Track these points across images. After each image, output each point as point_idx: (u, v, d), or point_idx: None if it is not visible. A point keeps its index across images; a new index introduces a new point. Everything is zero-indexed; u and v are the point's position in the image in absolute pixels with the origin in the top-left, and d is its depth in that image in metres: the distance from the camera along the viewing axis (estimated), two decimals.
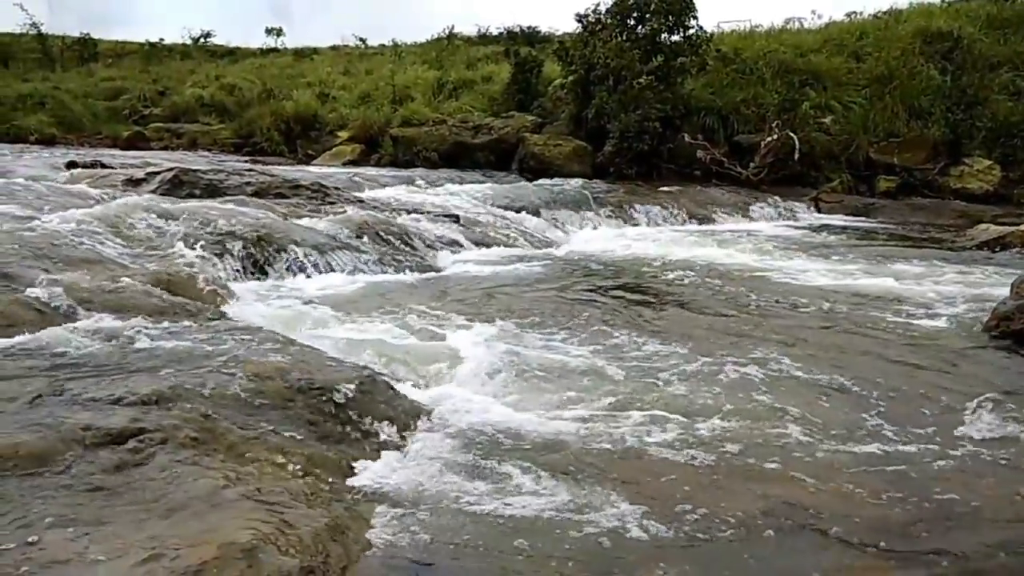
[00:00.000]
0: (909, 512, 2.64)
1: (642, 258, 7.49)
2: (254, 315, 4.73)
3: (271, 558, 1.78)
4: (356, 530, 2.22)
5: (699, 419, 3.33)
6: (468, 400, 3.47)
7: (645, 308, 5.43)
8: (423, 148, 14.65)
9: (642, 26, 13.24)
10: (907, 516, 2.62)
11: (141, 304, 4.07)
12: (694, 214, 10.46)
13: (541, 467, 2.82)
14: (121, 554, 1.76)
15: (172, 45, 31.71)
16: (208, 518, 1.95)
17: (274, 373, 3.17)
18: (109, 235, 5.62)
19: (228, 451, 2.42)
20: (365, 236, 7.05)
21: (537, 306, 5.29)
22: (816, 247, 8.18)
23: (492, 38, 25.81)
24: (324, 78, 21.70)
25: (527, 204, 9.90)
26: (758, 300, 5.65)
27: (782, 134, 12.20)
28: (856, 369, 4.03)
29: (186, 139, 18.79)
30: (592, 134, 13.34)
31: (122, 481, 2.15)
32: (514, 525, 2.45)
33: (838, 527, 2.52)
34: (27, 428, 2.38)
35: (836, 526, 2.52)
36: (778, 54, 14.25)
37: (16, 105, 21.70)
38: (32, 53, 30.56)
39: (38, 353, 3.22)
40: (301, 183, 9.07)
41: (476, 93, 17.83)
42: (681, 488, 2.72)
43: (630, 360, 4.09)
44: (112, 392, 2.72)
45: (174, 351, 3.34)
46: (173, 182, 8.17)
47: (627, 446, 3.04)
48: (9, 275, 4.29)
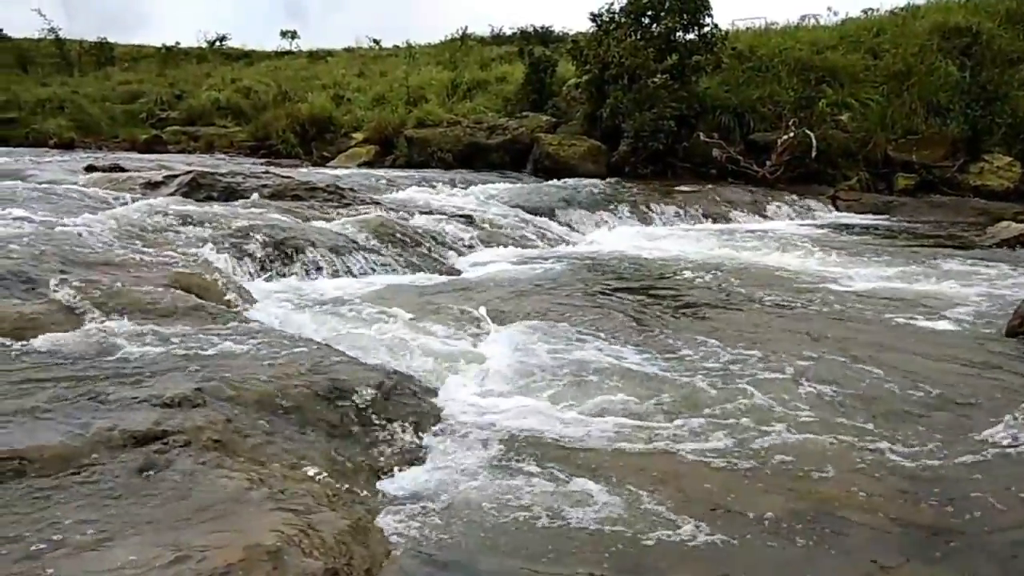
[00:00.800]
0: (940, 515, 2.62)
1: (659, 258, 7.46)
2: (273, 317, 4.75)
3: (296, 560, 1.78)
4: (378, 532, 2.23)
5: (726, 419, 3.31)
6: (488, 401, 3.47)
7: (664, 308, 5.40)
8: (438, 149, 14.67)
9: (657, 24, 13.19)
10: (938, 519, 2.60)
11: (162, 306, 4.10)
12: (710, 213, 10.41)
13: (564, 467, 2.81)
14: (147, 556, 1.78)
15: (188, 48, 31.95)
16: (233, 520, 1.96)
17: (295, 375, 3.18)
18: (129, 238, 5.66)
19: (251, 453, 2.43)
20: (381, 238, 7.07)
21: (555, 307, 5.28)
22: (834, 246, 8.11)
23: (506, 38, 25.82)
24: (339, 80, 21.79)
25: (542, 204, 9.88)
26: (777, 300, 5.62)
27: (799, 132, 12.12)
28: (878, 371, 3.99)
29: (203, 142, 18.92)
30: (607, 133, 13.31)
31: (147, 483, 2.16)
32: (538, 526, 2.45)
33: (869, 529, 2.50)
34: (52, 430, 2.40)
35: (867, 528, 2.50)
36: (794, 51, 14.16)
37: (35, 109, 21.96)
38: (51, 58, 30.91)
39: (61, 355, 3.26)
40: (317, 185, 9.11)
41: (490, 93, 17.84)
42: (710, 489, 2.70)
43: (651, 360, 4.08)
44: (135, 394, 2.74)
45: (196, 353, 3.36)
46: (191, 185, 8.23)
47: (652, 446, 3.03)
48: (32, 278, 4.33)
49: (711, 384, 3.75)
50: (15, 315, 3.71)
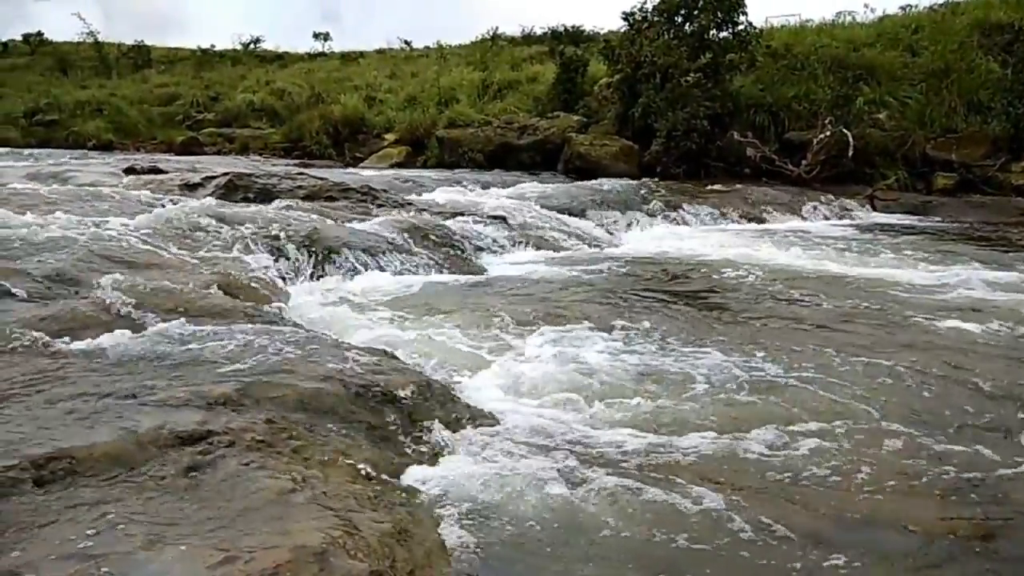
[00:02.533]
0: (982, 522, 2.57)
1: (693, 259, 7.40)
2: (310, 317, 4.81)
3: (341, 562, 1.80)
4: (419, 534, 2.23)
5: (765, 426, 3.27)
6: (524, 403, 3.47)
7: (701, 310, 5.36)
8: (469, 149, 14.73)
9: (690, 23, 13.10)
10: (980, 527, 2.54)
11: (202, 306, 4.16)
12: (745, 214, 10.30)
13: (602, 470, 2.80)
14: (196, 556, 1.80)
15: (223, 51, 32.46)
16: (278, 521, 1.98)
17: (333, 376, 3.20)
18: (168, 239, 5.75)
19: (293, 454, 2.46)
20: (414, 239, 7.10)
21: (589, 308, 5.26)
22: (872, 247, 7.98)
23: (536, 38, 25.85)
24: (371, 81, 21.99)
25: (574, 205, 9.86)
26: (815, 301, 5.54)
27: (835, 131, 11.95)
28: (924, 375, 3.92)
29: (238, 143, 19.21)
30: (639, 133, 13.25)
31: (193, 483, 2.19)
32: (577, 528, 2.44)
33: (911, 537, 2.45)
34: (101, 430, 2.45)
35: (909, 536, 2.46)
36: (830, 49, 13.97)
37: (75, 112, 22.49)
38: (89, 61, 31.63)
39: (106, 355, 3.32)
40: (350, 186, 9.19)
41: (521, 94, 17.87)
42: (749, 494, 2.67)
43: (687, 363, 4.04)
44: (180, 394, 2.79)
45: (237, 353, 3.41)
46: (228, 186, 8.35)
47: (689, 452, 3.01)
48: (76, 279, 4.43)
49: (749, 389, 3.71)
50: (62, 315, 3.79)
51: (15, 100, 24.70)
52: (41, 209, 6.20)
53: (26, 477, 2.15)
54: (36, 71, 32.02)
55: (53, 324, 3.67)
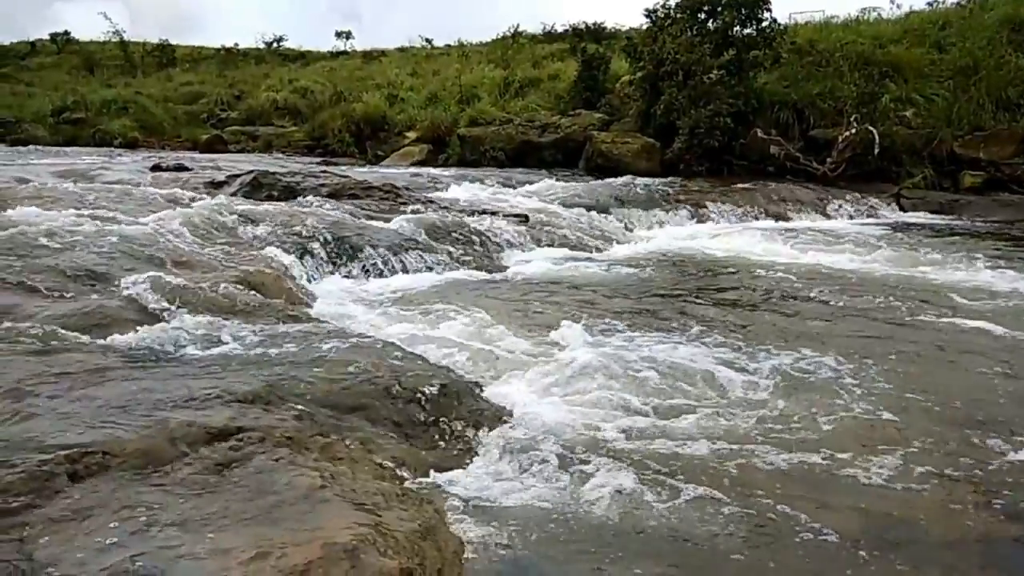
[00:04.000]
0: (1014, 526, 2.53)
1: (716, 257, 7.35)
2: (334, 314, 4.83)
3: (372, 559, 1.80)
4: (446, 532, 2.24)
5: (788, 425, 3.25)
6: (548, 401, 3.46)
7: (723, 309, 5.32)
8: (490, 147, 14.72)
9: (713, 20, 13.01)
10: (1012, 529, 2.51)
11: (230, 304, 4.20)
12: (769, 211, 10.21)
13: (627, 468, 2.79)
14: (228, 551, 1.82)
15: (247, 50, 32.72)
16: (308, 517, 1.99)
17: (360, 373, 3.22)
18: (195, 236, 5.81)
19: (321, 451, 2.47)
20: (437, 237, 7.12)
21: (612, 306, 5.25)
22: (899, 246, 7.88)
23: (557, 35, 25.77)
24: (392, 79, 22.04)
25: (596, 202, 9.82)
26: (843, 302, 5.48)
27: (861, 128, 11.80)
28: (948, 378, 3.88)
29: (261, 142, 19.35)
30: (661, 131, 13.17)
31: (224, 478, 2.21)
32: (602, 526, 2.43)
33: (941, 540, 2.42)
34: (132, 426, 2.48)
35: (939, 539, 2.43)
36: (856, 45, 13.81)
37: (101, 110, 22.74)
38: (115, 60, 32.00)
39: (136, 351, 3.36)
40: (373, 184, 9.22)
41: (542, 91, 17.84)
42: (775, 495, 2.65)
43: (713, 362, 4.01)
44: (209, 391, 2.81)
45: (264, 350, 3.44)
46: (252, 184, 8.41)
47: (717, 451, 2.99)
48: (105, 276, 4.48)
49: (776, 389, 3.68)
50: (91, 311, 3.85)
51: (43, 99, 25.05)
52: (69, 207, 6.28)
53: (60, 471, 2.18)
54: (63, 70, 32.46)
55: (82, 320, 3.73)
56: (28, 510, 2.00)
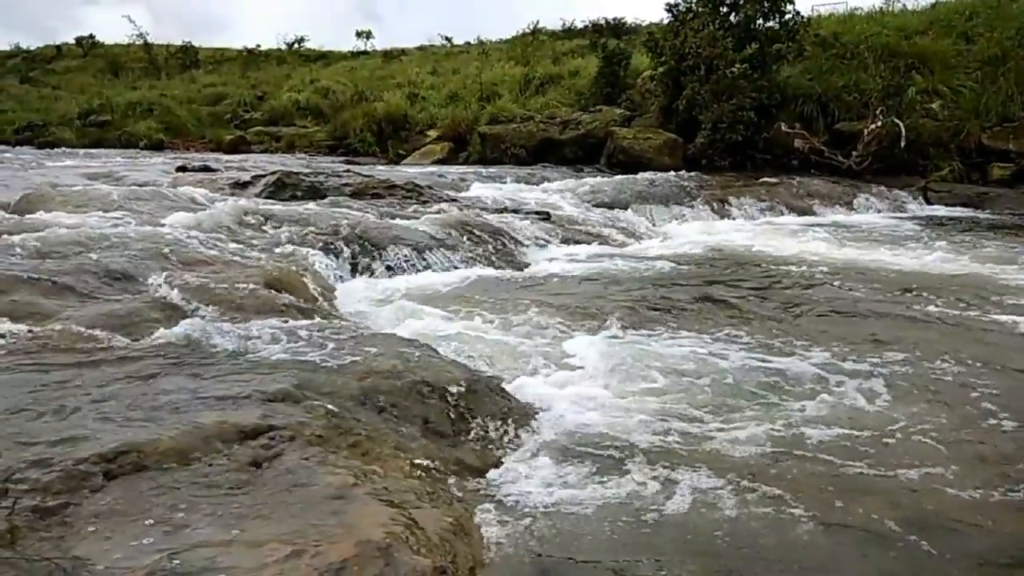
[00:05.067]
0: None
1: (741, 253, 7.29)
2: (359, 312, 4.86)
3: (406, 557, 1.81)
4: (477, 529, 2.24)
5: (818, 423, 3.21)
6: (576, 400, 3.45)
7: (752, 305, 5.27)
8: (511, 145, 14.72)
9: (736, 13, 12.92)
10: None
11: (256, 303, 4.23)
12: (793, 206, 10.12)
13: (658, 467, 2.78)
14: (263, 548, 1.83)
15: (269, 51, 32.97)
16: (342, 515, 2.00)
17: (387, 372, 3.23)
18: (221, 236, 5.86)
19: (352, 449, 2.48)
20: (460, 235, 7.13)
21: (637, 303, 5.22)
22: (928, 240, 7.77)
23: (577, 31, 25.73)
24: (413, 78, 22.12)
25: (617, 199, 9.80)
26: (874, 298, 5.41)
27: (886, 121, 11.67)
28: (977, 375, 3.81)
29: (284, 142, 19.50)
30: (683, 126, 13.11)
31: (257, 477, 2.23)
32: (634, 527, 2.42)
33: (972, 540, 2.39)
34: (166, 425, 2.50)
35: (970, 539, 2.39)
36: (881, 37, 13.65)
37: (126, 112, 23.04)
38: (139, 62, 32.41)
39: (166, 351, 3.39)
40: (396, 183, 9.27)
41: (563, 88, 17.82)
42: (812, 493, 2.62)
43: (742, 361, 3.98)
44: (239, 390, 2.84)
45: (292, 349, 3.46)
46: (276, 184, 8.48)
47: (751, 448, 2.96)
48: (135, 276, 4.53)
49: (800, 385, 3.64)
50: (121, 312, 3.89)
51: (69, 102, 25.44)
52: (98, 209, 6.37)
53: (97, 471, 2.20)
54: (89, 73, 32.94)
55: (113, 320, 3.77)
56: (66, 509, 2.03)
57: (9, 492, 2.07)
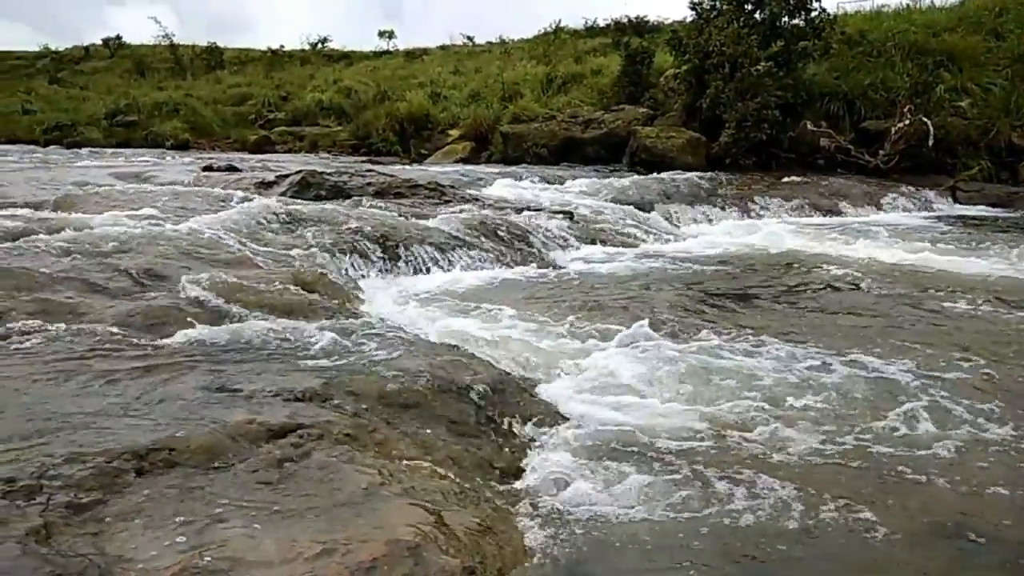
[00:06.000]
0: None
1: (767, 253, 7.23)
2: (384, 312, 4.87)
3: (435, 557, 1.82)
4: (505, 531, 2.24)
5: (851, 424, 3.17)
6: (601, 401, 3.44)
7: (777, 307, 5.23)
8: (533, 144, 14.70)
9: (761, 11, 12.81)
10: None
11: (283, 302, 4.26)
12: (819, 205, 10.01)
13: (684, 469, 2.76)
14: (294, 547, 1.85)
15: (292, 51, 33.21)
16: (370, 515, 2.01)
17: (413, 371, 3.24)
18: (247, 236, 5.91)
19: (379, 448, 2.49)
20: (483, 234, 7.13)
21: (661, 304, 5.19)
22: (958, 240, 7.65)
23: (600, 30, 25.64)
24: (435, 78, 22.17)
25: (641, 198, 9.75)
26: (905, 299, 5.33)
27: (914, 119, 11.51)
28: (1012, 376, 3.74)
29: (307, 141, 19.63)
30: (706, 124, 13.02)
31: (286, 475, 2.25)
32: (663, 530, 2.41)
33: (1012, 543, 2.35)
34: (195, 423, 2.53)
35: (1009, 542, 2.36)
36: (908, 34, 13.48)
37: (153, 112, 23.31)
38: (165, 63, 32.81)
39: (196, 349, 3.43)
40: (419, 183, 9.29)
41: (585, 87, 17.76)
42: (843, 497, 2.59)
43: (768, 361, 3.94)
44: (268, 388, 2.86)
45: (319, 348, 3.48)
46: (301, 184, 8.53)
47: (778, 451, 2.93)
48: (164, 275, 4.59)
49: (832, 386, 3.60)
50: (150, 310, 3.94)
51: (97, 102, 25.80)
52: (127, 208, 6.45)
53: (128, 468, 2.23)
54: (116, 73, 33.41)
55: (143, 319, 3.82)
56: (99, 505, 2.06)
57: (43, 488, 2.10)
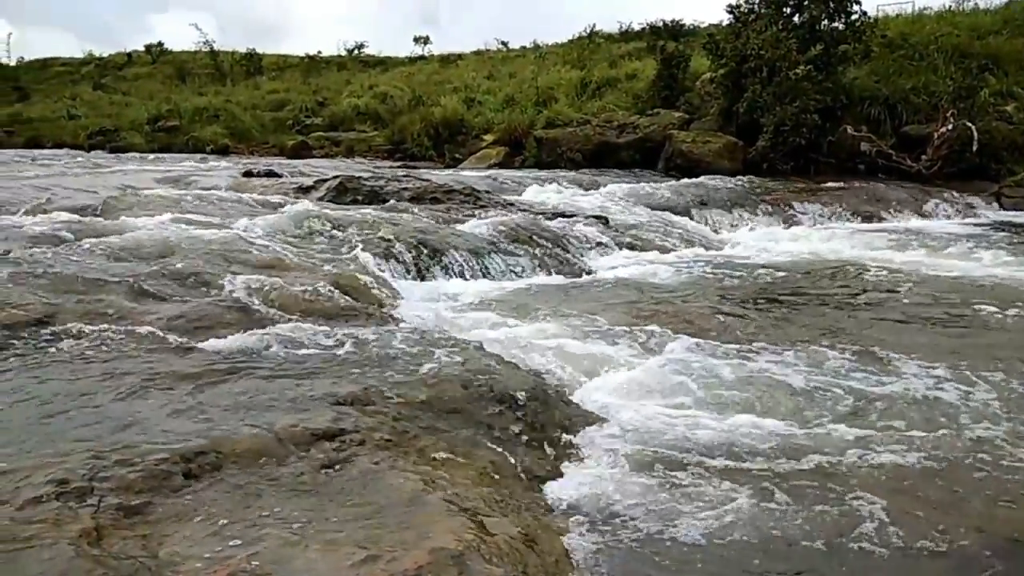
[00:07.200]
0: None
1: (807, 260, 7.12)
2: (420, 317, 4.89)
3: (478, 566, 1.82)
4: (546, 540, 2.24)
5: (891, 433, 3.11)
6: (641, 409, 3.42)
7: (816, 314, 5.15)
8: (567, 149, 14.66)
9: (800, 14, 12.65)
10: None
11: (323, 307, 4.31)
12: (860, 211, 9.85)
13: (725, 479, 2.73)
14: (338, 552, 1.86)
15: (329, 57, 33.62)
16: (413, 521, 2.02)
17: (452, 377, 3.25)
18: (287, 241, 5.99)
19: (419, 454, 2.51)
20: (518, 240, 7.13)
21: (699, 311, 5.15)
22: (1005, 248, 7.47)
23: (634, 34, 25.52)
24: (469, 83, 22.24)
25: (677, 204, 9.68)
26: (953, 309, 5.21)
27: (958, 124, 11.28)
28: None
29: (344, 147, 19.82)
30: (743, 129, 12.88)
31: (330, 480, 2.27)
32: (703, 540, 2.38)
33: None
34: (240, 426, 2.57)
35: None
36: (951, 37, 13.22)
37: (194, 118, 23.72)
38: (206, 69, 33.41)
39: (240, 354, 3.48)
40: (454, 188, 9.33)
41: (620, 91, 17.68)
42: (891, 510, 2.54)
43: (807, 370, 3.89)
44: (310, 392, 2.89)
45: (357, 353, 3.51)
46: (338, 189, 8.63)
47: (824, 461, 2.89)
48: (206, 279, 4.66)
49: (871, 395, 3.54)
50: (195, 314, 4.01)
51: (139, 107, 26.33)
52: (171, 212, 6.57)
53: (177, 471, 2.27)
54: (157, 79, 34.08)
55: (187, 323, 3.88)
56: (149, 507, 2.09)
57: (94, 490, 2.15)
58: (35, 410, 2.69)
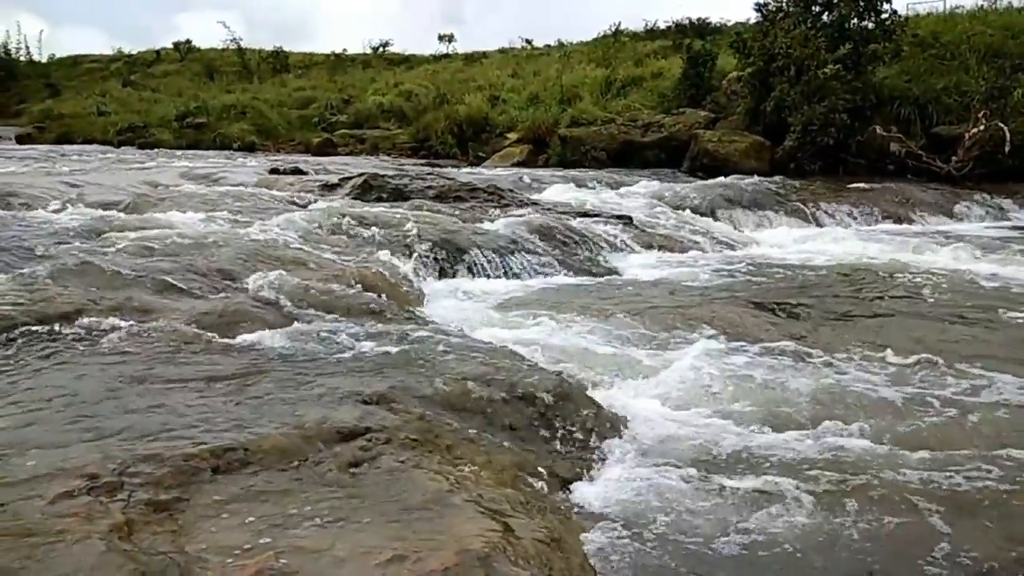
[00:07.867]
0: None
1: (835, 262, 7.03)
2: (444, 316, 4.90)
3: (505, 568, 1.81)
4: (571, 542, 2.23)
5: (916, 442, 3.07)
6: (666, 411, 3.40)
7: (845, 318, 5.08)
8: (591, 148, 14.61)
9: (829, 12, 12.50)
10: None
11: (347, 304, 4.33)
12: (889, 213, 9.70)
13: (755, 484, 2.70)
14: (365, 552, 1.86)
15: (354, 55, 33.83)
16: (440, 522, 2.02)
17: (476, 377, 3.25)
18: (313, 238, 6.03)
19: (445, 454, 2.51)
20: (542, 239, 7.12)
21: (725, 313, 5.10)
22: None
23: (660, 32, 25.38)
24: (493, 81, 22.25)
25: (702, 204, 9.60)
26: (986, 314, 5.11)
27: (990, 125, 11.08)
28: None
29: (368, 144, 19.93)
30: (770, 128, 12.76)
31: (356, 478, 2.28)
32: (729, 544, 2.36)
33: None
34: (268, 423, 2.58)
35: None
36: (984, 37, 12.98)
37: (221, 115, 23.98)
38: (233, 66, 33.76)
39: (265, 349, 3.51)
40: (477, 186, 9.33)
41: (645, 90, 17.59)
42: (911, 518, 2.50)
43: (838, 375, 3.84)
44: (336, 390, 2.91)
45: (382, 351, 3.52)
46: (363, 187, 8.67)
47: (849, 466, 2.85)
48: (234, 276, 4.70)
49: (897, 400, 3.48)
50: (223, 310, 4.04)
51: (167, 104, 26.68)
52: (199, 209, 6.64)
53: (205, 467, 2.29)
54: (185, 76, 34.51)
55: (216, 319, 3.92)
56: (177, 503, 2.11)
57: (124, 485, 2.17)
58: (65, 404, 2.73)
